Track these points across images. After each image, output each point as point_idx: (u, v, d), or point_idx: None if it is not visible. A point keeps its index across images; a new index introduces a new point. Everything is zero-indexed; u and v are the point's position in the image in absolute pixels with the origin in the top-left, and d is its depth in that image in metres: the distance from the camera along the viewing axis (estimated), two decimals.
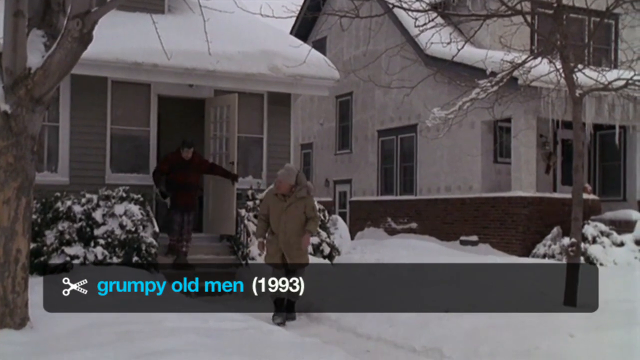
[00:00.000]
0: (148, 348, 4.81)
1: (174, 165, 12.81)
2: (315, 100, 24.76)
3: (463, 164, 18.89)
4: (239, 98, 13.97)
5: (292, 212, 9.45)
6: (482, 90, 10.99)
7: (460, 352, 7.23)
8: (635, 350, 6.22)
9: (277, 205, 9.52)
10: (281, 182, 9.48)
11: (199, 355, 4.52)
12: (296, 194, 9.46)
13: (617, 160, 19.29)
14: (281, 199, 9.51)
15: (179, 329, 5.74)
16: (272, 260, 9.65)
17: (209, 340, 5.18)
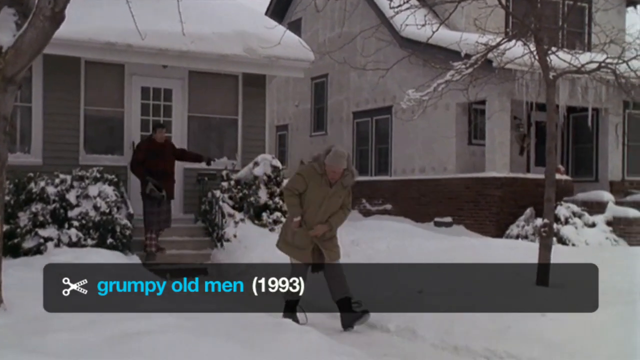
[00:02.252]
0: (125, 329, 4.80)
1: (148, 153, 12.44)
2: (291, 82, 24.70)
3: (438, 146, 18.96)
4: (214, 79, 13.92)
5: (336, 201, 8.01)
6: (457, 73, 11.00)
7: (433, 332, 7.29)
8: (606, 329, 6.31)
9: (321, 190, 7.92)
10: (336, 172, 7.88)
11: (175, 336, 4.52)
12: (343, 180, 7.99)
13: (590, 142, 19.45)
14: (327, 182, 7.92)
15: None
16: (303, 257, 8.02)
17: (185, 322, 5.18)
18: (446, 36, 13.84)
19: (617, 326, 6.39)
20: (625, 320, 6.47)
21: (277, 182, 13.40)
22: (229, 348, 4.32)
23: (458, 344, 6.91)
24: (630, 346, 5.96)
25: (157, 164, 12.35)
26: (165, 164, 12.54)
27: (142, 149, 12.59)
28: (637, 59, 10.24)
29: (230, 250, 12.25)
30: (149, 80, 14.18)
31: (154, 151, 12.44)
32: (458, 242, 13.11)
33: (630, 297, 7.65)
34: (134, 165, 12.58)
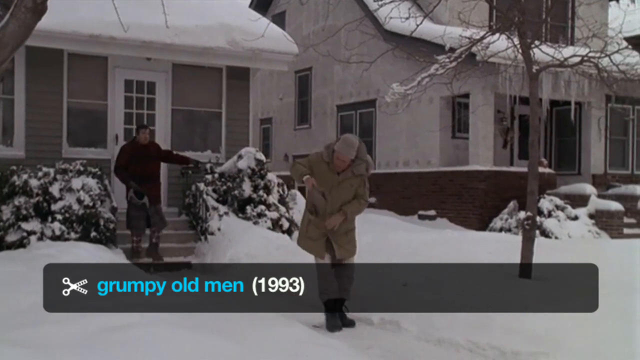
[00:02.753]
0: (110, 322, 4.79)
1: (132, 156, 12.01)
2: (275, 75, 24.67)
3: (422, 139, 19.01)
4: (198, 71, 13.89)
5: (345, 190, 7.57)
6: (441, 66, 11.02)
7: (417, 325, 7.32)
8: (588, 320, 6.36)
9: (327, 178, 7.52)
10: (343, 161, 7.44)
11: (160, 329, 4.52)
12: (353, 168, 7.53)
13: (573, 135, 19.57)
14: (333, 170, 7.53)
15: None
16: (315, 250, 7.69)
17: (169, 316, 5.18)
18: (430, 30, 13.88)
19: (599, 317, 6.44)
20: (608, 311, 6.52)
21: (261, 176, 13.38)
22: (213, 341, 4.33)
23: (441, 336, 6.94)
24: (612, 336, 6.02)
25: (141, 167, 11.96)
26: (150, 167, 12.19)
27: (125, 152, 12.12)
28: (619, 52, 10.30)
29: (215, 244, 12.23)
30: (132, 72, 14.12)
31: (138, 154, 12.03)
32: (442, 235, 13.15)
33: (612, 288, 7.70)
34: (117, 170, 12.16)
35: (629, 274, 8.71)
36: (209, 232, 12.48)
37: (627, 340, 5.93)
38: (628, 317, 6.33)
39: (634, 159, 20.02)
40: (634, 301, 6.81)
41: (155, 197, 12.20)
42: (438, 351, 6.72)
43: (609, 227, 16.21)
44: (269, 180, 13.43)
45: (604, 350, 5.86)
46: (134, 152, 12.03)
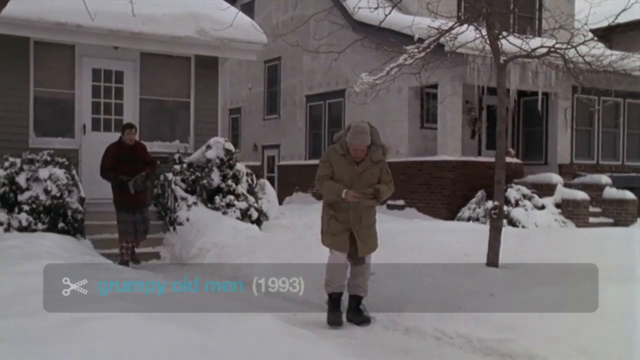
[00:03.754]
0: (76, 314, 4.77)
1: (118, 157, 11.22)
2: (244, 65, 24.59)
3: (390, 129, 19.05)
4: (166, 61, 13.81)
5: (366, 179, 7.26)
6: (410, 56, 11.06)
7: (385, 314, 7.37)
8: (554, 308, 6.44)
9: (347, 170, 7.24)
10: (357, 150, 7.15)
11: (127, 320, 4.51)
12: (371, 156, 7.27)
13: (540, 125, 19.74)
14: (351, 162, 7.25)
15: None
16: (337, 244, 7.33)
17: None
18: (399, 20, 13.92)
19: (564, 304, 6.53)
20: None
21: (230, 166, 13.36)
22: (181, 332, 4.32)
23: (409, 325, 7.00)
24: (577, 322, 6.10)
25: (127, 169, 11.14)
26: (137, 169, 11.25)
27: (110, 153, 11.33)
28: (585, 44, 10.40)
29: (183, 234, 12.22)
30: (100, 61, 14.02)
31: (123, 155, 11.22)
32: (410, 225, 13.24)
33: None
34: (102, 171, 11.28)
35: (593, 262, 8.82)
36: (177, 223, 12.45)
37: (591, 325, 6.02)
38: (592, 303, 6.42)
39: (600, 149, 20.26)
40: (599, 288, 6.90)
41: (142, 201, 11.35)
42: (405, 340, 6.77)
43: (575, 216, 16.40)
44: (238, 170, 13.41)
45: (569, 336, 5.94)
46: (119, 153, 11.23)
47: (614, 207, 17.62)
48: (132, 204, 11.08)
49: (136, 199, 11.09)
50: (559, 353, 5.76)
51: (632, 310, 6.31)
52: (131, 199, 11.02)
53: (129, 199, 11.02)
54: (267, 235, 12.43)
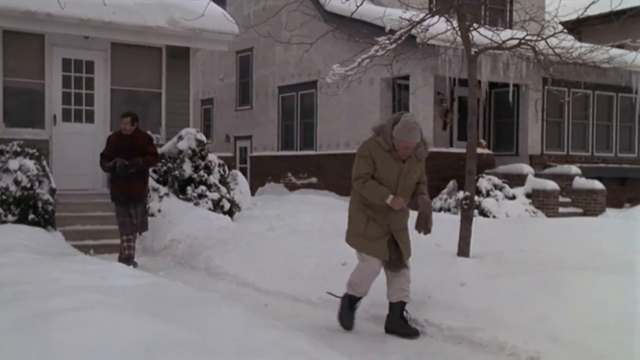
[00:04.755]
0: (46, 307, 4.75)
1: (117, 147, 10.70)
2: (216, 55, 24.50)
3: (362, 121, 19.09)
4: (137, 51, 13.72)
5: (411, 178, 6.58)
6: (381, 48, 11.09)
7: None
8: (524, 297, 6.51)
9: (392, 167, 6.46)
10: (408, 148, 6.40)
11: (96, 313, 4.49)
12: (417, 153, 6.53)
13: (511, 117, 19.88)
14: (396, 158, 6.45)
15: (76, 287, 5.68)
16: (376, 251, 6.54)
17: (106, 298, 5.14)
18: (370, 11, 13.94)
19: (535, 293, 6.60)
20: (542, 287, 6.68)
21: (201, 156, 13.33)
22: (153, 324, 4.32)
23: (381, 313, 7.03)
24: (546, 311, 6.17)
25: (125, 159, 10.56)
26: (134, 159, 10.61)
27: (109, 143, 10.93)
28: (555, 36, 10.49)
29: (155, 225, 12.16)
30: (70, 51, 13.89)
31: (123, 146, 10.66)
32: None
33: (547, 265, 7.90)
34: (100, 160, 10.87)
35: (562, 251, 8.93)
36: (149, 214, 12.39)
37: (560, 313, 6.09)
38: (563, 292, 6.50)
39: (570, 140, 20.46)
40: (568, 277, 6.99)
41: (138, 195, 10.79)
42: (377, 328, 6.81)
43: (545, 206, 16.55)
44: (210, 161, 13.39)
45: (538, 324, 6.01)
46: (118, 143, 10.74)
47: (583, 197, 17.82)
48: (123, 195, 10.60)
49: (127, 190, 10.58)
50: (527, 341, 5.83)
51: (600, 297, 6.40)
52: (122, 189, 10.57)
53: (119, 190, 10.60)
54: (240, 226, 12.42)
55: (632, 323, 5.89)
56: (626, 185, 20.89)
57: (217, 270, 10.02)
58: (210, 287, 8.39)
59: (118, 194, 10.64)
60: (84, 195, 13.30)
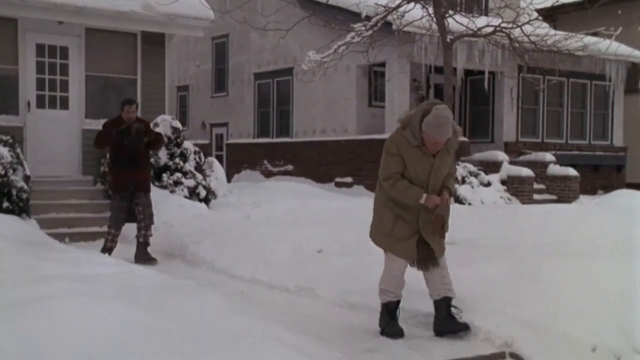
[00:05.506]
0: (21, 296, 4.73)
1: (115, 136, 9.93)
2: (191, 42, 24.36)
3: (338, 108, 19.12)
4: (112, 36, 13.62)
5: (441, 172, 5.95)
6: (357, 34, 11.12)
7: (332, 290, 7.43)
8: (498, 283, 6.57)
9: (422, 164, 5.84)
10: (438, 144, 5.77)
11: (72, 301, 4.48)
12: (448, 145, 5.88)
13: (486, 104, 19.98)
14: (426, 153, 5.81)
15: (52, 275, 5.66)
16: (403, 251, 6.02)
17: (82, 286, 5.13)
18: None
19: (509, 279, 6.66)
20: (518, 273, 6.74)
21: (177, 143, 13.28)
22: (129, 311, 4.32)
23: (355, 301, 7.07)
24: (520, 297, 6.23)
25: (124, 149, 9.87)
26: (137, 150, 9.96)
27: (106, 129, 10.13)
28: (530, 24, 10.57)
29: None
30: (44, 36, 13.74)
31: (121, 133, 9.89)
32: (358, 203, 13.32)
33: (522, 251, 7.97)
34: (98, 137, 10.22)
35: (536, 238, 9.01)
36: None
37: (534, 299, 6.15)
38: (537, 278, 6.57)
39: (544, 127, 20.61)
40: (542, 263, 7.06)
41: (143, 184, 10.06)
42: (351, 315, 6.84)
43: (520, 192, 16.69)
44: (186, 148, 13.35)
45: (512, 309, 6.07)
46: (116, 130, 9.91)
47: (558, 184, 17.99)
48: (131, 184, 9.88)
49: (135, 179, 9.86)
50: (501, 326, 5.88)
51: (574, 283, 6.47)
52: (129, 178, 9.82)
53: (126, 179, 9.83)
54: (216, 214, 12.41)
55: (605, 308, 5.98)
56: (599, 172, 21.10)
57: (193, 257, 10.00)
58: (186, 275, 8.38)
59: (124, 184, 9.87)
60: (58, 182, 13.22)
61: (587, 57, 17.03)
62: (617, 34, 15.00)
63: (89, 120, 13.82)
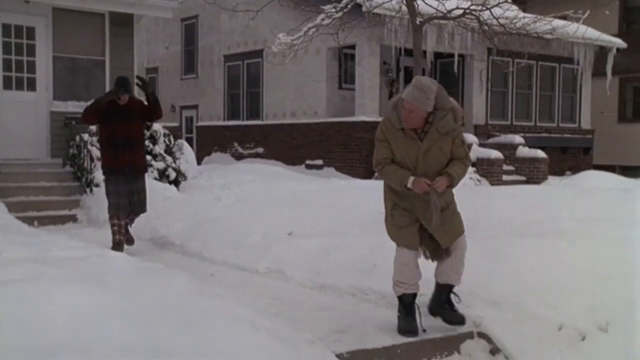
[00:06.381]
0: None
1: (107, 112, 8.96)
2: (160, 23, 24.17)
3: (308, 90, 19.11)
4: (80, 17, 13.47)
5: (435, 157, 5.44)
6: (327, 16, 11.10)
7: (302, 272, 7.46)
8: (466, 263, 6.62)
9: (407, 147, 5.44)
10: (411, 111, 5.32)
11: (41, 284, 4.46)
12: (437, 125, 5.39)
13: (456, 87, 20.06)
14: (412, 136, 5.41)
15: (20, 259, 5.63)
16: (404, 239, 5.60)
17: (51, 269, 5.11)
18: None
19: (478, 259, 6.71)
20: (486, 253, 6.80)
21: (146, 126, 13.19)
22: (100, 294, 4.31)
23: (326, 282, 7.10)
24: (489, 276, 6.30)
25: (117, 128, 8.96)
26: (132, 128, 9.11)
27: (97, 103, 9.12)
28: (499, 6, 10.62)
29: (100, 196, 11.99)
30: (10, 16, 13.55)
31: (114, 111, 8.96)
32: (328, 184, 13.35)
33: (490, 232, 8.04)
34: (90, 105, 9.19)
35: (505, 218, 9.09)
36: (94, 184, 12.26)
37: (502, 278, 6.23)
38: (504, 258, 6.64)
39: (514, 110, 20.76)
40: (510, 243, 7.13)
41: (139, 167, 9.34)
42: (322, 297, 6.88)
43: (489, 174, 16.83)
44: (155, 130, 13.27)
45: (481, 289, 6.13)
46: (107, 108, 8.99)
47: (526, 166, 18.17)
48: (124, 167, 9.05)
49: (133, 161, 9.10)
50: (470, 306, 5.94)
51: (541, 263, 6.56)
52: (127, 160, 9.03)
53: (123, 161, 9.01)
54: (186, 196, 12.37)
55: (572, 287, 6.07)
56: (567, 154, 21.32)
57: (162, 240, 9.99)
58: (156, 258, 8.36)
59: (121, 166, 9.03)
60: (27, 165, 13.10)
61: (555, 41, 17.15)
62: (585, 17, 15.10)
63: (57, 102, 13.71)
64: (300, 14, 12.92)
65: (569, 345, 5.47)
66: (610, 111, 24.32)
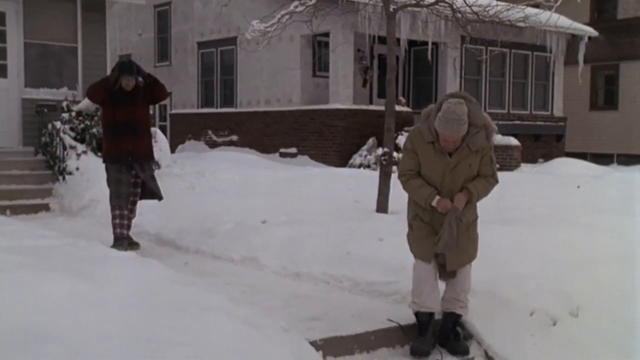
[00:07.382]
0: None
1: (109, 96, 8.39)
2: (133, 10, 23.99)
3: (283, 78, 19.08)
4: (51, 2, 13.33)
5: (462, 173, 5.33)
6: (301, 3, 11.07)
7: (277, 260, 7.48)
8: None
9: (436, 162, 5.31)
10: (447, 142, 5.20)
11: (16, 273, 4.44)
12: (469, 143, 5.24)
13: (430, 74, 20.14)
14: (441, 151, 5.27)
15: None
16: (419, 251, 5.50)
17: (23, 258, 5.08)
18: None
19: None
20: None
21: None
22: (73, 283, 4.29)
23: (300, 270, 7.13)
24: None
25: (121, 113, 8.32)
26: (134, 113, 8.45)
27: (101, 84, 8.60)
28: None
29: (73, 184, 11.95)
30: None
31: (118, 94, 8.34)
32: (302, 172, 13.37)
33: None
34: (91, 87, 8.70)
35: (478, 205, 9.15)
36: (67, 172, 12.17)
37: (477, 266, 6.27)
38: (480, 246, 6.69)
39: (487, 97, 20.87)
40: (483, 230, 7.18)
41: (150, 152, 8.79)
42: (296, 284, 6.90)
43: None
44: None
45: None
46: (113, 90, 8.36)
47: (500, 153, 18.26)
48: (125, 155, 8.34)
49: (136, 148, 8.39)
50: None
51: (513, 249, 6.63)
52: (128, 148, 8.33)
53: (125, 148, 8.32)
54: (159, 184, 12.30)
55: (543, 273, 6.15)
56: (540, 141, 21.49)
57: (136, 229, 9.93)
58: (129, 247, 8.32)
59: (122, 155, 8.35)
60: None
61: (528, 29, 17.23)
62: (558, 5, 15.18)
63: (29, 89, 13.59)
64: (273, 1, 12.88)
65: (540, 330, 5.54)
66: (582, 99, 24.54)
